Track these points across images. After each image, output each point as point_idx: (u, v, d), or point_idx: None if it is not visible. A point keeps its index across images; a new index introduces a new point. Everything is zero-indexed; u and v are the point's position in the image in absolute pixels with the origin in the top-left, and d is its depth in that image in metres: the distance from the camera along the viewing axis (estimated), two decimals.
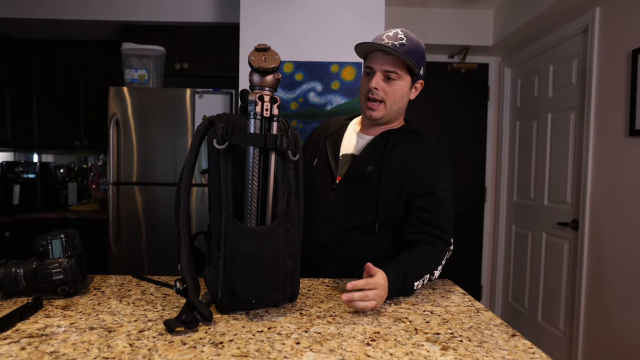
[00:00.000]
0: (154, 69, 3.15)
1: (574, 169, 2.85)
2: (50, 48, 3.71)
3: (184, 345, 0.80)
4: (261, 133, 0.96)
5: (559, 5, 2.71)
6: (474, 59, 3.84)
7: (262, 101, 0.95)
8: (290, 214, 1.02)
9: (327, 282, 1.26)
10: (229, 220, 0.95)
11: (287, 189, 1.01)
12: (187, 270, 0.96)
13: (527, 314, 3.36)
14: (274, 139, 0.94)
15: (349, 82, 2.75)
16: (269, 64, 0.96)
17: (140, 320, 0.93)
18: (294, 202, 1.03)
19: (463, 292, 1.20)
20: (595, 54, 2.61)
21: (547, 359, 0.78)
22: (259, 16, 2.76)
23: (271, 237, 0.97)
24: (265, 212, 0.99)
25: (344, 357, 0.76)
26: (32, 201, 3.52)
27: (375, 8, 2.77)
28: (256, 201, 0.97)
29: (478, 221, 3.92)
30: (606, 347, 2.46)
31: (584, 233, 2.66)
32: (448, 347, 0.81)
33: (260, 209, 0.99)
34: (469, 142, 3.89)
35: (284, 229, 1.00)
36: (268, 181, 0.97)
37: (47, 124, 3.72)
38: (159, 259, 2.98)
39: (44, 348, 0.78)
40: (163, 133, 2.97)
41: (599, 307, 2.53)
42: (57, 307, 1.01)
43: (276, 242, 0.98)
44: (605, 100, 2.53)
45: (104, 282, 1.22)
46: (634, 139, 2.30)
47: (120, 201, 2.98)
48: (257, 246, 0.95)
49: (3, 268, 1.04)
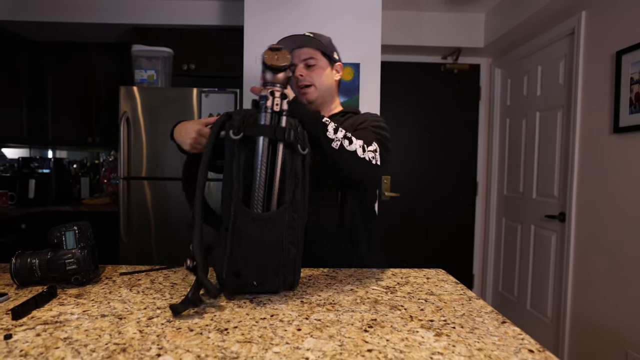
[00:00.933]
0: (163, 69, 3.14)
1: (561, 165, 2.85)
2: (65, 50, 3.71)
3: (190, 332, 0.80)
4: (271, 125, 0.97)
5: (546, 9, 2.70)
6: (466, 60, 3.83)
7: (273, 96, 0.98)
8: (295, 204, 1.01)
9: (326, 271, 1.26)
10: (237, 206, 0.96)
11: (294, 181, 1.01)
12: (198, 250, 0.96)
13: (516, 302, 3.36)
14: (282, 131, 0.96)
15: (348, 82, 2.75)
16: (281, 62, 0.99)
17: (149, 308, 0.93)
18: (300, 193, 1.02)
19: (456, 281, 1.20)
20: (581, 55, 2.60)
21: (536, 344, 0.77)
22: (262, 19, 2.76)
23: (276, 223, 0.97)
24: (271, 200, 0.99)
25: (343, 342, 0.76)
26: (47, 195, 3.52)
27: (372, 12, 2.76)
28: (263, 189, 0.97)
29: (470, 214, 3.92)
30: (591, 333, 2.47)
31: (570, 225, 2.66)
32: (441, 334, 0.81)
33: (267, 197, 0.99)
34: (462, 139, 3.88)
35: (289, 217, 1.00)
36: (275, 171, 0.98)
37: (61, 121, 3.72)
38: (167, 250, 2.99)
39: (58, 334, 0.78)
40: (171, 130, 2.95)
41: (585, 296, 2.54)
42: (71, 295, 1.01)
43: (280, 229, 0.97)
44: (590, 99, 2.52)
45: (115, 272, 1.22)
46: (618, 136, 2.30)
47: (130, 195, 2.98)
48: (262, 231, 0.95)
49: (19, 258, 1.04)
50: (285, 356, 0.71)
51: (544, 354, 0.74)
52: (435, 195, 3.86)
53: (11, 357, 0.69)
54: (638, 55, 2.16)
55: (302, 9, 2.77)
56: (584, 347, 2.54)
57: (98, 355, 0.70)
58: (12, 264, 1.03)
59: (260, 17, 2.77)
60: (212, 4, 3.34)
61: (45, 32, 3.57)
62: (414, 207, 3.82)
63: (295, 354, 0.72)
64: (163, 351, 0.72)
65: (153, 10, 3.34)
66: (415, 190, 3.82)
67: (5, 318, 0.85)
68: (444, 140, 3.86)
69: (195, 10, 3.34)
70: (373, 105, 2.73)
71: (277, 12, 2.76)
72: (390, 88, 3.55)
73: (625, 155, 2.25)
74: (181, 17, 3.35)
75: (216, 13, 3.35)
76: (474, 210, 3.93)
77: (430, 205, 3.86)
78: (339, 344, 0.76)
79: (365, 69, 2.77)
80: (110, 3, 3.32)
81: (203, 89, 2.95)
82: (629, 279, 2.20)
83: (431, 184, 3.85)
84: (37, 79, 3.67)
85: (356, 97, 2.75)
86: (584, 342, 2.53)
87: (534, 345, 0.77)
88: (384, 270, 1.29)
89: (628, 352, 2.18)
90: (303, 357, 0.71)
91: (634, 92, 2.17)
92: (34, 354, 0.70)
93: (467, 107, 3.88)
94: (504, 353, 0.74)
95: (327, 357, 0.71)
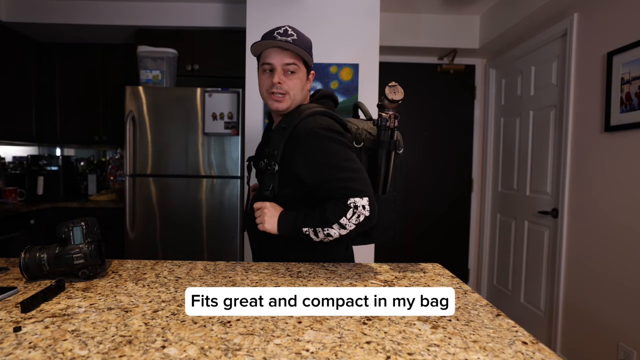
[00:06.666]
0: (167, 69, 3.14)
1: (553, 162, 2.84)
2: (73, 51, 3.71)
3: (194, 324, 0.79)
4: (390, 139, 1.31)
5: (539, 11, 2.69)
6: (462, 61, 3.82)
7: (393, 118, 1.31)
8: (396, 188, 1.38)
9: (326, 265, 1.26)
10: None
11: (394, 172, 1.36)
12: None
13: (510, 296, 3.37)
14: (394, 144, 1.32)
15: (347, 81, 2.74)
16: (397, 97, 1.28)
17: (154, 301, 0.92)
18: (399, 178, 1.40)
19: (452, 275, 1.20)
20: (574, 56, 2.59)
21: (529, 336, 0.77)
22: (263, 21, 2.75)
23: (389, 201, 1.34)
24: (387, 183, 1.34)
25: (342, 335, 0.76)
26: (55, 191, 3.52)
27: (371, 14, 2.76)
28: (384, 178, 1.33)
29: (465, 210, 3.92)
30: (583, 325, 2.47)
31: (563, 221, 2.66)
32: (438, 326, 0.81)
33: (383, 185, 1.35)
34: (458, 137, 3.87)
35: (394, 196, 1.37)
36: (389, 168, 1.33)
37: (69, 120, 3.72)
38: (171, 244, 2.98)
39: (66, 327, 0.78)
40: (175, 129, 2.96)
41: (577, 289, 2.54)
42: (78, 289, 1.01)
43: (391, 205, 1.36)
44: (582, 98, 2.52)
45: (121, 266, 1.22)
46: (609, 135, 2.29)
47: (136, 191, 2.98)
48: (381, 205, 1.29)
49: (28, 253, 1.03)
50: (287, 348, 0.71)
51: (537, 345, 0.74)
52: (431, 192, 3.86)
53: (20, 348, 0.69)
54: (629, 56, 2.15)
55: (302, 11, 2.77)
56: (576, 339, 2.54)
57: (105, 347, 0.70)
58: (22, 258, 1.03)
59: (262, 18, 2.77)
60: (215, 6, 3.33)
61: (53, 34, 3.57)
62: (411, 203, 3.82)
63: (296, 346, 0.72)
64: (168, 343, 0.72)
65: (158, 12, 3.34)
66: (412, 187, 3.82)
67: (14, 311, 0.85)
68: (441, 138, 3.85)
69: (199, 12, 3.34)
70: (372, 105, 2.72)
71: (278, 14, 2.76)
72: None
73: (616, 153, 2.25)
74: (185, 19, 3.35)
75: (219, 15, 3.34)
76: (470, 206, 3.93)
77: (426, 202, 3.86)
78: (338, 336, 0.76)
79: (363, 69, 2.76)
80: (117, 6, 3.32)
81: (207, 89, 2.94)
82: (620, 273, 2.20)
83: (428, 181, 3.85)
84: (45, 79, 3.67)
85: (355, 96, 2.75)
86: (576, 334, 2.53)
87: (528, 337, 0.77)
88: (382, 265, 1.29)
89: (619, 344, 2.18)
90: (304, 348, 0.71)
91: (625, 92, 2.16)
92: (43, 345, 0.70)
93: (462, 107, 3.87)
94: (498, 345, 0.74)
95: (327, 348, 0.71)
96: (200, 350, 0.70)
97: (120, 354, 0.68)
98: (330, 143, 1.22)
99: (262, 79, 1.34)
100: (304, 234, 1.22)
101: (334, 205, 1.19)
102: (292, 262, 1.29)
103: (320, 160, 1.22)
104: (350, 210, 1.17)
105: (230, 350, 0.70)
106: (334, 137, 1.24)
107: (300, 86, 1.34)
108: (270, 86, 1.31)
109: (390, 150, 1.31)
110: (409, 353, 0.70)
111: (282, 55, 1.29)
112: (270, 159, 1.29)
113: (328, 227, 1.19)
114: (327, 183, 1.21)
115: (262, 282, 1.08)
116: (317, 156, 1.22)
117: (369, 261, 2.37)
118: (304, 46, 1.31)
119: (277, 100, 1.31)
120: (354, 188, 1.18)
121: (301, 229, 1.22)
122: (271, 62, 1.30)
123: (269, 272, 1.17)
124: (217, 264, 1.26)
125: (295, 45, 1.27)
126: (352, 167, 1.22)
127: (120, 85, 3.27)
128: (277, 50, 1.30)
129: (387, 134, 1.30)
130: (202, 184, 2.98)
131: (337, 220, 1.18)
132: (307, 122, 1.26)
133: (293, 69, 1.31)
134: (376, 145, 1.31)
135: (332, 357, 0.68)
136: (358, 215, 1.17)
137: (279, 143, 1.28)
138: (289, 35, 1.29)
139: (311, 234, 1.22)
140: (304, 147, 1.24)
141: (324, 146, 1.22)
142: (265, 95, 1.34)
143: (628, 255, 2.15)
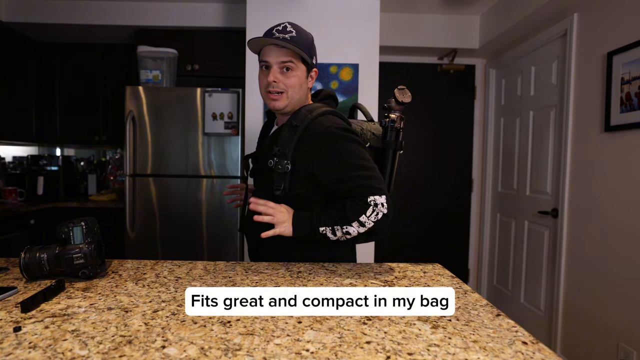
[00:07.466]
0: (167, 69, 3.14)
1: (553, 162, 2.84)
2: (73, 51, 3.71)
3: (194, 324, 0.79)
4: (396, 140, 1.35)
5: (540, 11, 2.69)
6: (462, 61, 3.82)
7: (400, 120, 1.34)
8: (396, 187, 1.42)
9: (326, 265, 1.26)
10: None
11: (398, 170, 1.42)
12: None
13: (510, 296, 3.36)
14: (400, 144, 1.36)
15: (347, 81, 2.74)
16: (406, 100, 1.33)
17: (154, 301, 0.92)
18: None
19: (452, 275, 1.20)
20: (574, 56, 2.59)
21: (529, 336, 0.77)
22: (263, 21, 2.75)
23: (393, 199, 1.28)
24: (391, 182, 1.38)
25: (342, 334, 0.76)
26: (55, 191, 3.52)
27: (371, 14, 2.76)
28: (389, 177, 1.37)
29: (466, 210, 3.92)
30: (583, 325, 2.47)
31: (562, 221, 2.66)
32: (438, 326, 0.81)
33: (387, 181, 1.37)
34: (458, 137, 3.88)
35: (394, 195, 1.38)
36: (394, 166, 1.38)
37: (69, 120, 3.73)
38: (171, 244, 2.99)
39: (66, 327, 0.78)
40: (175, 129, 2.96)
41: (577, 289, 2.54)
42: (78, 289, 1.00)
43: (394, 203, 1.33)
44: (582, 98, 2.52)
45: (121, 266, 1.22)
46: (609, 135, 2.29)
47: (135, 191, 2.98)
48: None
49: (28, 253, 1.03)
50: (287, 348, 0.71)
51: (537, 345, 0.74)
52: (431, 192, 3.86)
53: (20, 348, 0.69)
54: (629, 56, 2.15)
55: (302, 11, 2.77)
56: (576, 339, 2.54)
57: (105, 347, 0.70)
58: (22, 258, 1.03)
59: (262, 18, 2.76)
60: (215, 6, 3.33)
61: (53, 34, 3.57)
62: (411, 203, 3.82)
63: (296, 346, 0.71)
64: (168, 343, 0.72)
65: (158, 12, 3.34)
66: (413, 187, 3.82)
67: (14, 311, 0.85)
68: (441, 138, 3.85)
69: (199, 12, 3.34)
70: (372, 105, 2.73)
71: (278, 14, 2.75)
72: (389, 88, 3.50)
73: (616, 153, 2.25)
74: (185, 19, 3.35)
75: (219, 15, 3.34)
76: (470, 206, 3.93)
77: (427, 202, 3.86)
78: (338, 336, 0.76)
79: (364, 69, 2.76)
80: (117, 6, 3.32)
81: (207, 89, 2.94)
82: (620, 273, 2.20)
83: (428, 181, 3.85)
84: (45, 80, 3.67)
85: (355, 96, 2.75)
86: (576, 334, 2.53)
87: (528, 337, 0.77)
88: (382, 265, 1.29)
89: (619, 344, 2.18)
90: (304, 348, 0.71)
91: (625, 92, 2.16)
92: (43, 345, 0.70)
93: (462, 107, 3.87)
94: (498, 345, 0.74)
95: (327, 348, 0.71)
96: (200, 350, 0.69)
97: (120, 354, 0.68)
98: (347, 142, 1.23)
99: (261, 77, 1.34)
100: (321, 234, 1.22)
101: (353, 202, 1.20)
102: (292, 262, 1.29)
103: (338, 159, 1.22)
104: (370, 208, 1.18)
105: (230, 350, 0.70)
106: (350, 137, 1.25)
107: (299, 84, 1.32)
108: (267, 84, 1.30)
109: (396, 150, 1.35)
110: (409, 353, 0.70)
111: (279, 53, 1.28)
112: (281, 157, 1.26)
113: (347, 225, 1.20)
114: (344, 182, 1.22)
115: (262, 282, 1.08)
116: (335, 155, 1.22)
117: (369, 261, 2.37)
118: (302, 43, 1.29)
119: (273, 98, 1.31)
120: (373, 186, 1.19)
121: (318, 228, 1.22)
122: (268, 60, 1.29)
123: (269, 272, 1.17)
124: (217, 264, 1.26)
125: (293, 42, 1.26)
126: (369, 165, 1.23)
127: (120, 85, 3.27)
128: (273, 48, 1.28)
129: (393, 134, 1.34)
130: (202, 184, 2.98)
131: (357, 218, 1.19)
132: (321, 121, 1.26)
133: (290, 67, 1.29)
134: (384, 146, 1.35)
135: (332, 357, 0.68)
136: (377, 213, 1.18)
137: (289, 141, 1.26)
138: (287, 32, 1.28)
139: (328, 233, 1.22)
140: (320, 145, 1.23)
141: (342, 145, 1.23)
142: (263, 94, 1.34)
143: (628, 255, 2.15)
